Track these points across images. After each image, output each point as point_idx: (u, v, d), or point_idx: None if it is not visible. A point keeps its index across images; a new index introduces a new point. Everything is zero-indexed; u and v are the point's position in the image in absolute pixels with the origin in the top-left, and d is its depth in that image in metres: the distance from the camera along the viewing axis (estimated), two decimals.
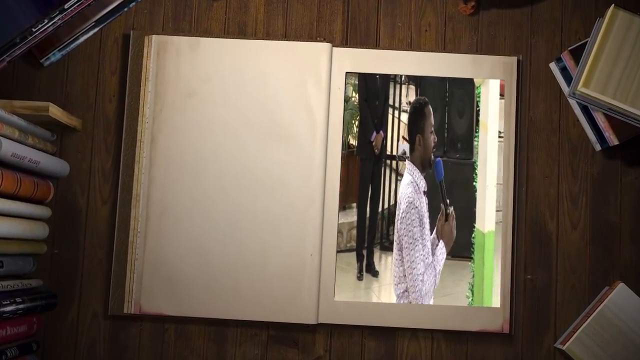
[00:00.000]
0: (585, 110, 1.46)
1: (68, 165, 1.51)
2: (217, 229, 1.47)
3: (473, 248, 1.47)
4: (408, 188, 1.48)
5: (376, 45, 1.54)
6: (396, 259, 1.47)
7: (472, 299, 1.45)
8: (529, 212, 1.49)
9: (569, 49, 1.46)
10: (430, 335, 1.48)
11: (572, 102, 1.48)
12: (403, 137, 1.48)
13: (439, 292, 1.46)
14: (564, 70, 1.47)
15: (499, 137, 1.48)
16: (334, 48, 1.51)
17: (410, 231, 1.47)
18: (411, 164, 1.49)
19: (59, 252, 1.50)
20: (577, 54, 1.43)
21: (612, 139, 1.43)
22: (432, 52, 1.52)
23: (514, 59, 1.51)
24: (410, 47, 1.53)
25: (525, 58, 1.52)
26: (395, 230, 1.48)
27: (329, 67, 1.50)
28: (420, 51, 1.52)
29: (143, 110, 1.50)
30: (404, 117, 1.49)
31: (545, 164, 1.50)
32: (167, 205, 1.48)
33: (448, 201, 1.47)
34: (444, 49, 1.53)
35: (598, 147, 1.47)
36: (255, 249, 1.47)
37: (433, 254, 1.47)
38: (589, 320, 1.40)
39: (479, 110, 1.50)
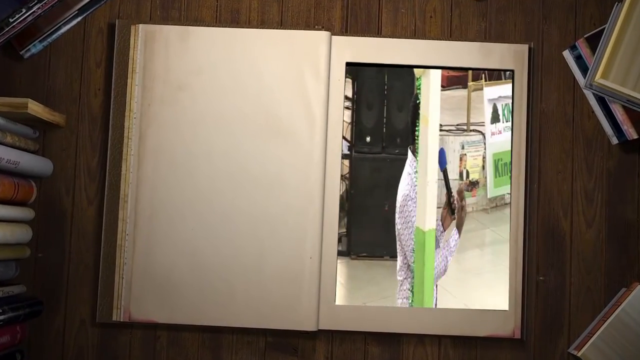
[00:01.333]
0: (602, 101, 1.40)
1: (51, 164, 1.45)
2: (211, 231, 1.41)
3: (413, 248, 1.42)
4: (405, 180, 1.42)
5: (378, 34, 1.47)
6: (398, 249, 1.43)
7: (412, 301, 1.40)
8: (541, 210, 1.44)
9: (585, 36, 1.40)
10: (437, 341, 1.42)
11: (587, 93, 1.41)
12: (343, 137, 1.43)
13: (378, 294, 1.40)
14: (579, 59, 1.41)
15: (441, 129, 1.42)
16: (333, 37, 1.45)
17: (408, 222, 1.43)
18: (412, 155, 1.42)
19: (43, 256, 1.44)
20: (594, 42, 1.36)
21: (631, 133, 1.36)
22: (437, 40, 1.46)
23: (525, 47, 1.45)
24: (415, 34, 1.47)
25: (537, 45, 1.46)
26: (396, 222, 1.43)
27: (328, 58, 1.44)
28: (425, 39, 1.46)
29: (130, 105, 1.43)
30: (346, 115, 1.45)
31: (558, 158, 1.45)
32: (157, 206, 1.42)
33: (452, 190, 1.43)
34: (450, 37, 1.47)
35: (615, 141, 1.41)
36: (252, 252, 1.41)
37: (438, 244, 1.42)
38: (605, 324, 1.36)
39: (419, 103, 1.42)
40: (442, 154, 1.42)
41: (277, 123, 1.42)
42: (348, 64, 1.45)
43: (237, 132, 1.42)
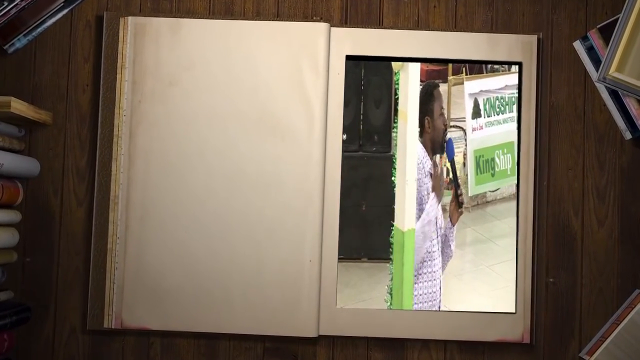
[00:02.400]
0: (615, 94, 1.36)
1: (38, 164, 1.41)
2: (205, 233, 1.36)
3: (392, 248, 1.37)
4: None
5: (379, 25, 1.42)
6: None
7: (390, 303, 1.36)
8: (551, 208, 1.39)
9: (598, 26, 1.35)
10: (443, 346, 1.38)
11: (600, 86, 1.36)
12: None
13: (356, 297, 1.36)
14: (590, 50, 1.36)
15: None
16: (332, 28, 1.40)
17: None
18: (421, 145, 1.38)
19: (31, 261, 1.40)
20: (607, 33, 1.32)
21: None
22: (441, 31, 1.41)
23: (534, 38, 1.40)
24: (418, 25, 1.42)
25: (546, 36, 1.42)
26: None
27: (327, 50, 1.39)
28: (429, 30, 1.41)
29: (120, 102, 1.38)
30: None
31: (569, 154, 1.40)
32: (148, 208, 1.37)
33: (460, 182, 1.39)
34: (455, 28, 1.42)
35: (628, 136, 1.37)
36: (248, 255, 1.36)
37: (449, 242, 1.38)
38: (618, 328, 1.33)
39: (397, 98, 1.37)
40: (450, 144, 1.38)
41: (274, 120, 1.38)
42: (348, 57, 1.40)
43: (232, 129, 1.37)
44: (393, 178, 1.38)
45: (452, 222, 1.38)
